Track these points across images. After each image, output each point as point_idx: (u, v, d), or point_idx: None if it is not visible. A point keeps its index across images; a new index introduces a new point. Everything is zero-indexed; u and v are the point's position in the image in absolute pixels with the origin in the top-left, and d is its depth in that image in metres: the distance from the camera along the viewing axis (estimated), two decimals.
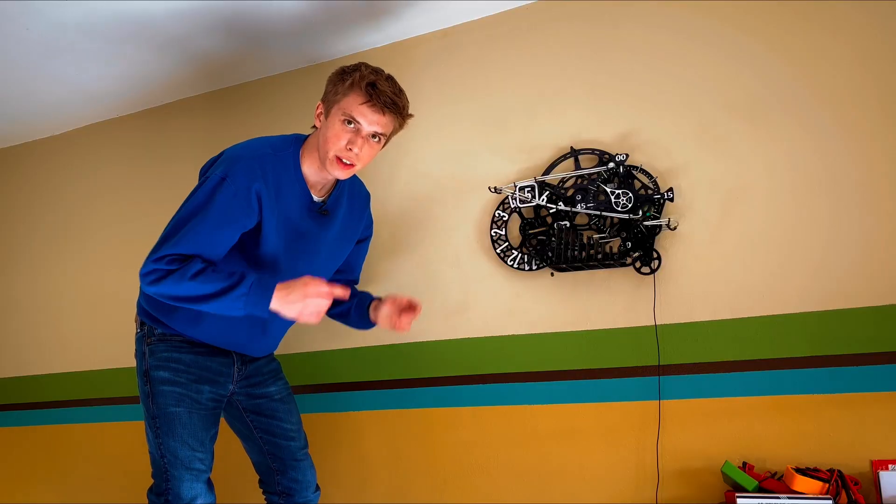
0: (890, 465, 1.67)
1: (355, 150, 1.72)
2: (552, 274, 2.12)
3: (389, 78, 1.74)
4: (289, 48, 2.48)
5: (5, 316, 3.15)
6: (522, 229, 2.16)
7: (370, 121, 1.71)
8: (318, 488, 2.04)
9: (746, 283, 1.91)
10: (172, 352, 1.82)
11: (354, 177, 1.99)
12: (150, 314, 1.85)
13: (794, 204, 1.89)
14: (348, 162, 1.73)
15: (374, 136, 1.74)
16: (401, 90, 1.75)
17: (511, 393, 2.14)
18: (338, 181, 1.87)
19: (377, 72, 1.73)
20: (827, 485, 1.64)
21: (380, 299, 1.98)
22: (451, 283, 2.26)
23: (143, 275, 1.66)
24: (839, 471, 1.67)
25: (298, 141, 1.83)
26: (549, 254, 2.07)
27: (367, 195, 2.06)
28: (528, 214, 2.17)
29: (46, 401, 2.96)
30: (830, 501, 1.59)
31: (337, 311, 2.03)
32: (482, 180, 2.26)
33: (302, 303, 1.63)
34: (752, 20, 1.98)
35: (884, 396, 1.74)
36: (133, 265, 2.66)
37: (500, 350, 2.17)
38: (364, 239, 2.09)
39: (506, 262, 2.16)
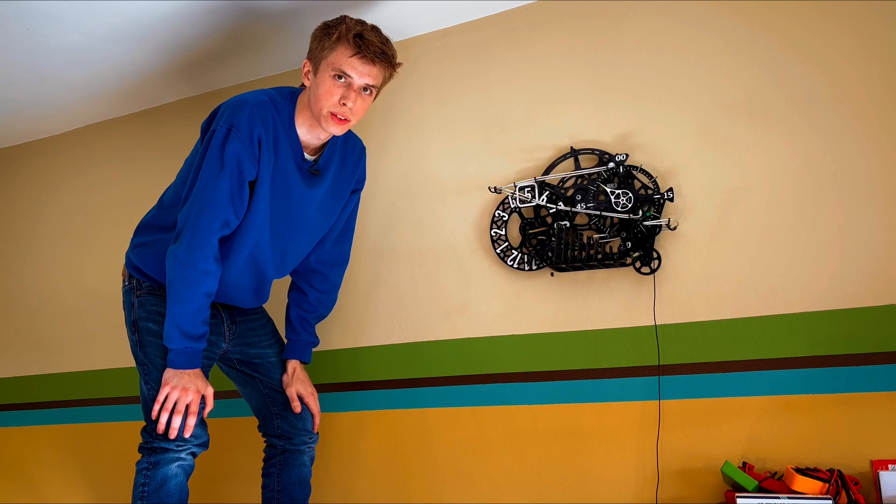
0: (890, 465, 1.67)
1: (349, 104, 1.74)
2: (552, 274, 2.12)
3: (375, 28, 1.76)
4: (287, 48, 2.48)
5: (4, 315, 3.15)
6: (522, 229, 2.16)
7: (360, 73, 1.73)
8: (317, 433, 2.07)
9: (746, 283, 1.91)
10: (161, 306, 1.82)
11: (349, 132, 2.01)
12: (140, 269, 1.86)
13: (794, 204, 1.89)
14: (343, 117, 1.75)
15: (365, 88, 1.76)
16: (387, 39, 1.78)
17: (511, 393, 2.14)
18: (330, 140, 1.89)
19: (362, 23, 1.75)
20: (827, 485, 1.64)
21: (303, 361, 2.06)
22: (451, 283, 2.26)
23: (186, 258, 1.70)
24: (839, 471, 1.67)
25: (294, 95, 1.84)
26: (549, 254, 2.07)
27: (362, 149, 2.06)
28: (528, 214, 2.17)
29: (46, 401, 2.96)
30: (830, 501, 1.59)
31: (287, 326, 2.08)
32: (482, 180, 2.26)
33: (180, 389, 1.70)
34: (755, 15, 1.98)
35: (884, 396, 1.74)
36: None
37: (500, 350, 2.17)
38: (355, 191, 2.09)
39: (506, 262, 2.16)
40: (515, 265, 2.15)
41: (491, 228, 2.19)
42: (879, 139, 1.83)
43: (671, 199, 1.97)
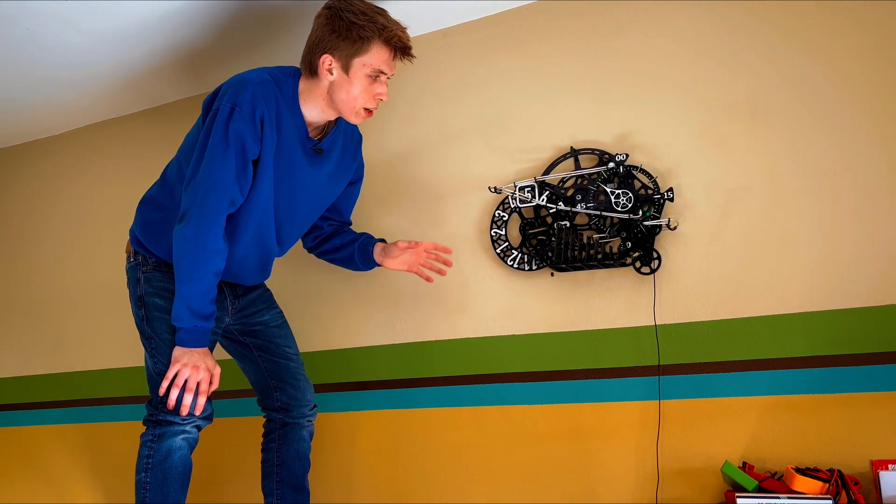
0: (890, 465, 1.67)
1: (385, 98, 1.84)
2: (552, 274, 2.12)
3: (398, 23, 1.82)
4: (288, 48, 2.48)
5: (8, 315, 3.15)
6: (522, 229, 2.16)
7: (392, 67, 1.84)
8: (315, 407, 2.09)
9: (746, 283, 1.91)
10: (167, 282, 1.84)
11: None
12: (144, 244, 1.87)
13: (794, 204, 1.89)
14: (374, 108, 1.84)
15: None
16: (405, 29, 1.85)
17: (511, 393, 2.14)
18: (336, 123, 1.93)
19: (396, 23, 1.81)
20: (827, 485, 1.64)
21: (383, 241, 2.09)
22: (451, 283, 2.26)
23: (193, 234, 1.69)
24: (839, 471, 1.67)
25: (296, 75, 1.86)
26: (549, 254, 2.07)
27: (360, 137, 2.10)
28: (528, 214, 2.17)
29: (48, 401, 2.96)
30: (830, 501, 1.59)
31: (339, 256, 2.13)
32: (482, 180, 2.26)
33: (191, 367, 1.70)
34: (756, 13, 1.98)
35: (884, 396, 1.74)
36: None
37: (500, 350, 2.17)
38: (355, 181, 2.13)
39: (506, 262, 2.16)
40: (515, 265, 2.15)
41: (491, 228, 2.19)
42: (881, 139, 1.83)
43: (671, 199, 1.97)
